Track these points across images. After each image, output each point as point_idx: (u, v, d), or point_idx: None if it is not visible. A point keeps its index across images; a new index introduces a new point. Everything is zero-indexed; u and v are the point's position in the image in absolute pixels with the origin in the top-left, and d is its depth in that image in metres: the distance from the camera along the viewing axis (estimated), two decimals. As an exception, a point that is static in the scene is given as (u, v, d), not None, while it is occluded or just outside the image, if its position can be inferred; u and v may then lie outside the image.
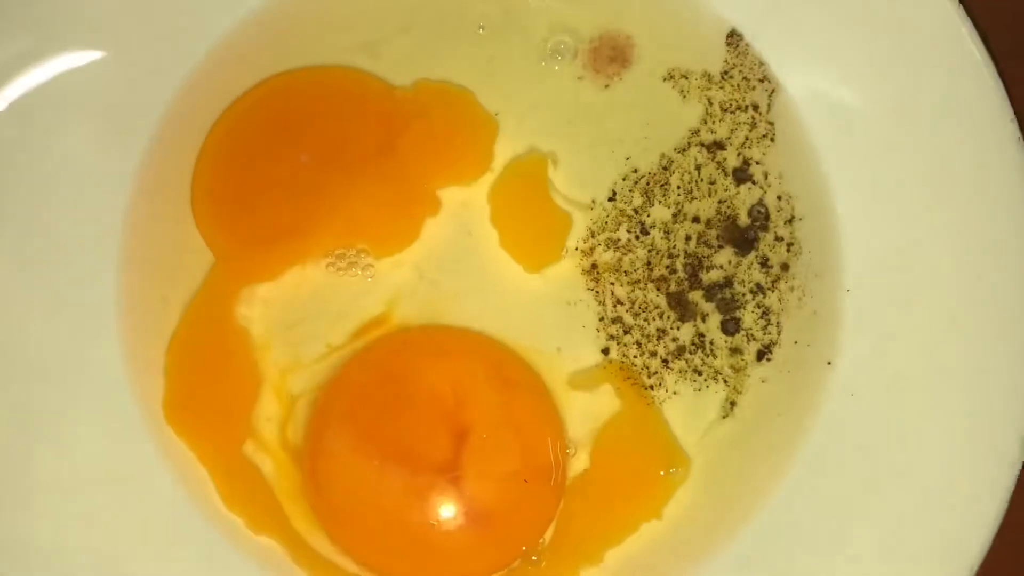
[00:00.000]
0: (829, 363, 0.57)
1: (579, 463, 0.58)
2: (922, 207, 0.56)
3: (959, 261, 0.56)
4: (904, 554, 0.54)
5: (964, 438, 0.55)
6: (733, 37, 0.59)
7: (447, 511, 0.56)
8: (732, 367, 0.58)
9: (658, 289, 0.59)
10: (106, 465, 0.55)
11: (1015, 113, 0.55)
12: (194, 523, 0.56)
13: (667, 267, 0.59)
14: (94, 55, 0.56)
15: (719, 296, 0.59)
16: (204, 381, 0.58)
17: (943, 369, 0.55)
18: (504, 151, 0.59)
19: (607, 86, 0.60)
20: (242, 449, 0.57)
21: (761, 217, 0.59)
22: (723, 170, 0.59)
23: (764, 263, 0.59)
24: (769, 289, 0.58)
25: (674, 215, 0.59)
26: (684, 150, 0.59)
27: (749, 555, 0.55)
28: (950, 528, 0.54)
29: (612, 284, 0.59)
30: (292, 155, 0.59)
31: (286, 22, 0.59)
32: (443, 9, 0.60)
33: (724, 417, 0.58)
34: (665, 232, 0.59)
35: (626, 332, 0.58)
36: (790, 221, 0.59)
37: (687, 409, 0.58)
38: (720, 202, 0.59)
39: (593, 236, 0.59)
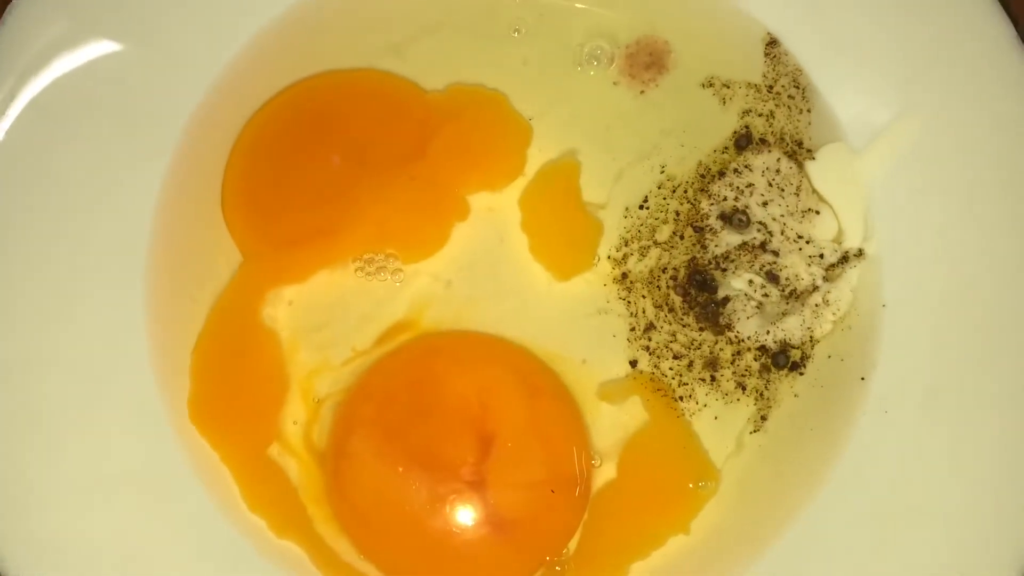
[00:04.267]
0: (863, 379, 0.56)
1: (605, 474, 0.57)
2: (961, 222, 0.55)
3: (997, 278, 0.55)
4: (936, 573, 0.53)
5: (1000, 456, 0.54)
6: (771, 45, 0.58)
7: (470, 518, 0.55)
8: (764, 380, 0.58)
9: (689, 301, 0.58)
10: (131, 463, 0.55)
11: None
12: (217, 524, 0.55)
13: (699, 279, 0.58)
14: (126, 51, 0.56)
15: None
16: (230, 381, 0.57)
17: (979, 386, 0.54)
18: (536, 157, 0.59)
19: (643, 92, 0.59)
20: (267, 451, 0.57)
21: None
22: (763, 180, 0.58)
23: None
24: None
25: (708, 224, 0.58)
26: (722, 160, 0.58)
27: (777, 572, 0.55)
28: (984, 549, 0.53)
29: (644, 295, 0.58)
30: (323, 157, 0.58)
31: (313, 21, 0.59)
32: (474, 11, 0.59)
33: (755, 431, 0.57)
34: (699, 244, 0.58)
35: (657, 343, 0.58)
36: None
37: (717, 422, 0.57)
38: (756, 214, 0.58)
39: (626, 245, 0.58)
